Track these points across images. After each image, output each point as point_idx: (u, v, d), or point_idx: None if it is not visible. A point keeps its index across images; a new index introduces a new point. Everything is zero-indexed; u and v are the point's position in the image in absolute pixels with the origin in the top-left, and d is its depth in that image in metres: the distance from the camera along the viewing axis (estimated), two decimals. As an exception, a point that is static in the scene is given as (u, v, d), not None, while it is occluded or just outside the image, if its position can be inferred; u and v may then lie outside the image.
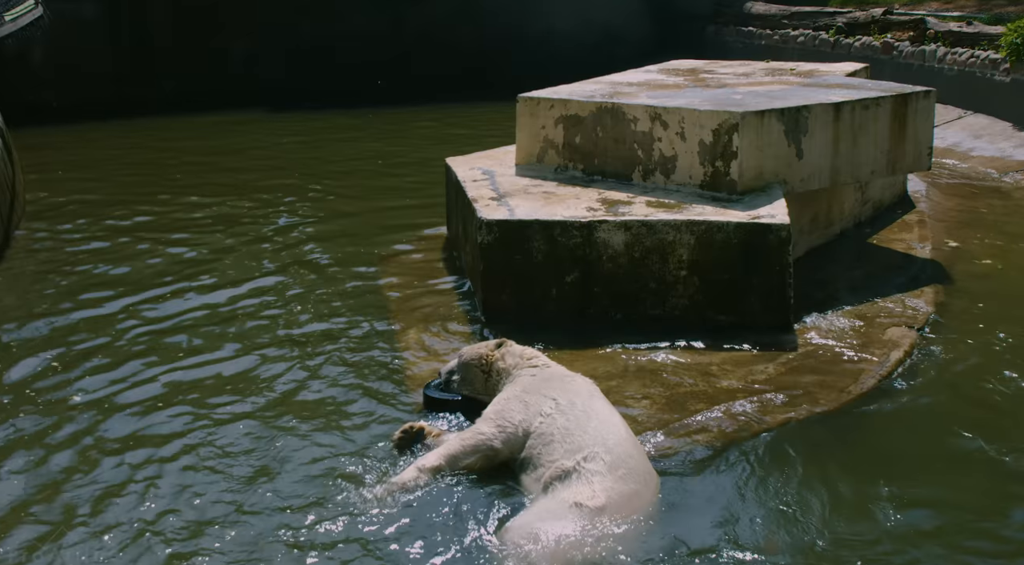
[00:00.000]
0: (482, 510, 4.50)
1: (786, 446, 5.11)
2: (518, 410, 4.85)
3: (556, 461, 4.51)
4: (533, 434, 4.71)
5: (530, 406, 4.83)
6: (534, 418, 4.77)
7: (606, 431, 4.60)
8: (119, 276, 8.14)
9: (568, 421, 4.66)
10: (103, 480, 4.89)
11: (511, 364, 5.26)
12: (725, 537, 4.33)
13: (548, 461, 4.54)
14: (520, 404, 4.87)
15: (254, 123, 16.26)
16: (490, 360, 5.32)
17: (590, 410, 4.74)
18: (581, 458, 4.45)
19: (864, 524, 4.49)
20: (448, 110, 16.69)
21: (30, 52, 16.04)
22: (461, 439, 4.84)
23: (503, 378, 5.24)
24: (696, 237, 6.47)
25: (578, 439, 4.55)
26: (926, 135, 8.14)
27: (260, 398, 5.77)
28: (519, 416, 4.81)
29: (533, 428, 4.73)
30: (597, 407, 4.79)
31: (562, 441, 4.57)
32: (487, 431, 4.83)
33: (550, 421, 4.70)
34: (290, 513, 4.53)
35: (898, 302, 6.98)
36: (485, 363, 5.33)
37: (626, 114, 7.52)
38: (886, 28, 15.74)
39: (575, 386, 4.95)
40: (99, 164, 13.22)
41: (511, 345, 5.37)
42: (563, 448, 4.54)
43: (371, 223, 9.71)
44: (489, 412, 4.95)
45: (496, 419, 4.86)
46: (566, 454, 4.51)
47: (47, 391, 5.92)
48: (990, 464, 5.02)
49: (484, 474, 4.76)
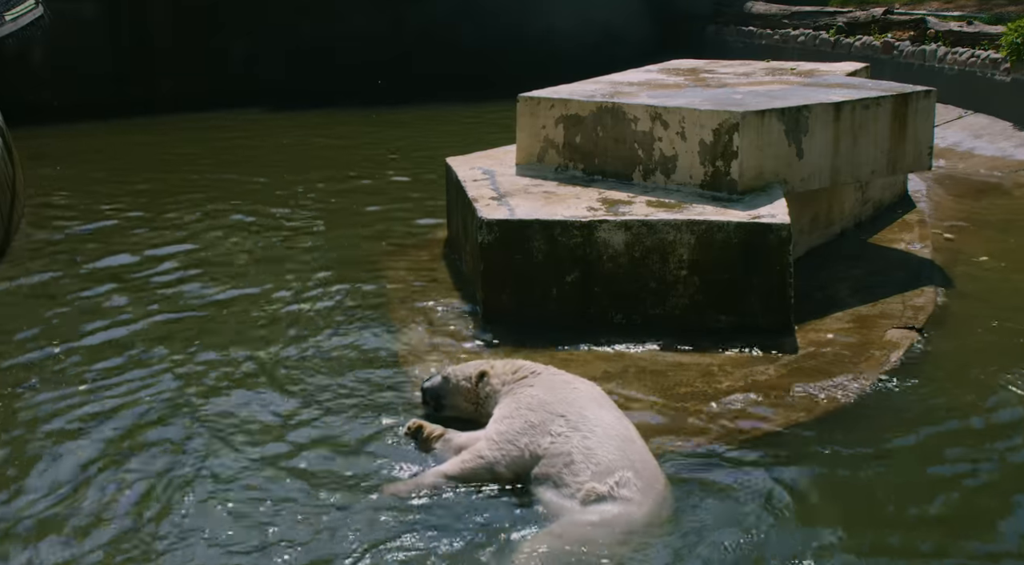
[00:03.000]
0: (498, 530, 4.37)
1: (786, 447, 5.11)
2: (523, 431, 4.63)
3: (586, 483, 4.36)
4: (546, 455, 4.52)
5: (536, 426, 4.62)
6: (542, 438, 4.57)
7: (629, 449, 4.48)
8: (119, 275, 8.13)
9: (587, 439, 4.48)
10: (103, 479, 4.89)
11: (498, 385, 5.03)
12: (726, 538, 4.33)
13: (576, 482, 4.39)
14: (524, 424, 4.65)
15: (254, 123, 16.25)
16: (475, 393, 5.12)
17: (604, 423, 4.58)
18: (614, 483, 4.33)
19: (864, 524, 4.48)
20: (448, 110, 16.67)
21: (30, 52, 16.03)
22: (462, 463, 4.66)
23: (493, 398, 5.02)
24: (696, 237, 6.47)
25: (603, 459, 4.40)
26: (926, 135, 8.14)
27: (260, 397, 5.76)
28: (524, 439, 4.61)
29: (544, 450, 4.54)
30: (608, 417, 4.65)
31: (586, 462, 4.41)
32: (489, 455, 4.63)
33: (563, 440, 4.51)
34: (282, 516, 4.51)
35: (898, 302, 6.97)
36: (471, 394, 5.14)
37: (626, 114, 7.51)
38: (886, 28, 15.74)
39: (580, 395, 4.76)
40: (99, 164, 13.20)
41: (493, 369, 5.14)
42: (590, 470, 4.39)
43: (371, 223, 9.70)
44: (491, 432, 4.73)
45: (499, 441, 4.65)
46: (595, 477, 4.36)
47: (46, 391, 5.91)
48: (990, 464, 5.02)
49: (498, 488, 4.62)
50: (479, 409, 5.13)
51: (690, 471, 4.84)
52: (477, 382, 5.14)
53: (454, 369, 5.35)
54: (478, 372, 5.17)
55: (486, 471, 4.61)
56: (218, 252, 8.77)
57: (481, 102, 15.61)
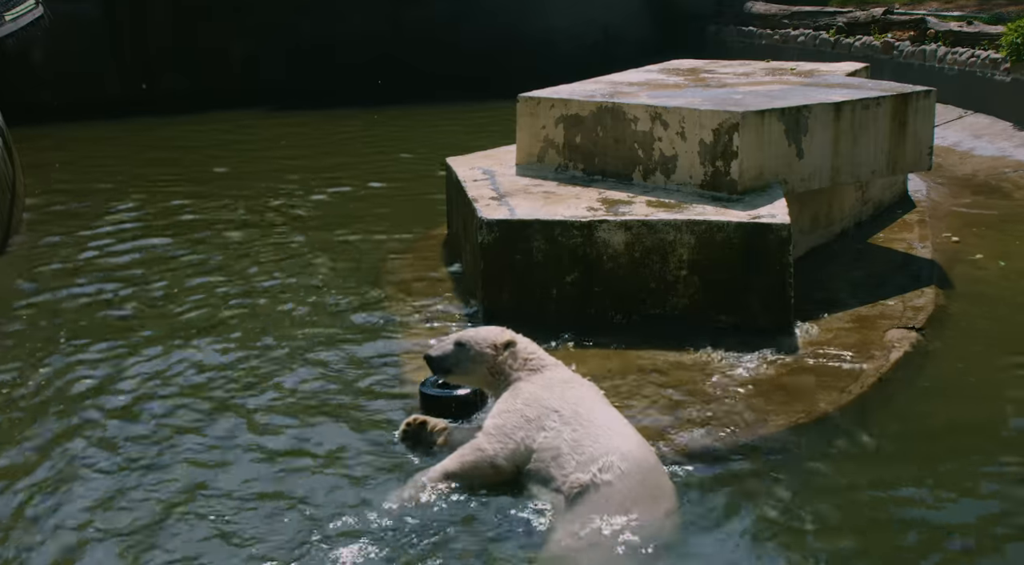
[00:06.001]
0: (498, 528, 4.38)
1: (786, 447, 5.11)
2: (519, 425, 4.67)
3: (570, 474, 4.40)
4: (539, 449, 4.57)
5: (531, 420, 4.67)
6: (536, 433, 4.62)
7: (617, 438, 4.50)
8: (120, 275, 8.14)
9: (575, 432, 4.53)
10: (102, 478, 4.89)
11: (513, 366, 4.97)
12: (726, 538, 4.33)
13: (562, 475, 4.43)
14: (520, 419, 4.70)
15: (254, 123, 16.25)
16: (498, 362, 4.98)
17: (596, 418, 4.61)
18: (596, 470, 4.36)
19: (864, 525, 4.48)
20: (448, 110, 16.68)
21: (30, 52, 16.03)
22: (461, 457, 4.67)
23: (503, 380, 4.99)
24: (696, 237, 6.47)
25: (589, 449, 4.44)
26: (926, 135, 8.14)
27: (258, 396, 5.77)
28: (521, 432, 4.65)
29: (537, 444, 4.59)
30: (602, 413, 4.68)
31: (572, 453, 4.45)
32: (488, 448, 4.66)
33: (554, 435, 4.56)
34: (280, 517, 4.51)
35: (898, 302, 6.97)
36: (492, 363, 4.99)
37: (626, 114, 7.51)
38: (886, 28, 15.73)
39: (576, 394, 4.79)
40: (99, 164, 13.22)
41: (518, 345, 5.03)
42: (575, 461, 4.43)
43: (371, 223, 9.70)
44: (489, 427, 4.76)
45: (497, 435, 4.69)
46: (579, 466, 4.40)
47: (47, 391, 5.92)
48: (990, 464, 5.02)
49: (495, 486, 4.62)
50: (490, 381, 4.99)
51: (690, 471, 4.84)
52: (504, 348, 4.98)
53: (469, 335, 5.11)
54: (504, 340, 5.00)
55: (487, 465, 4.63)
56: (218, 252, 8.77)
57: (480, 102, 15.61)
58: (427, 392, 5.52)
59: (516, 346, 5.02)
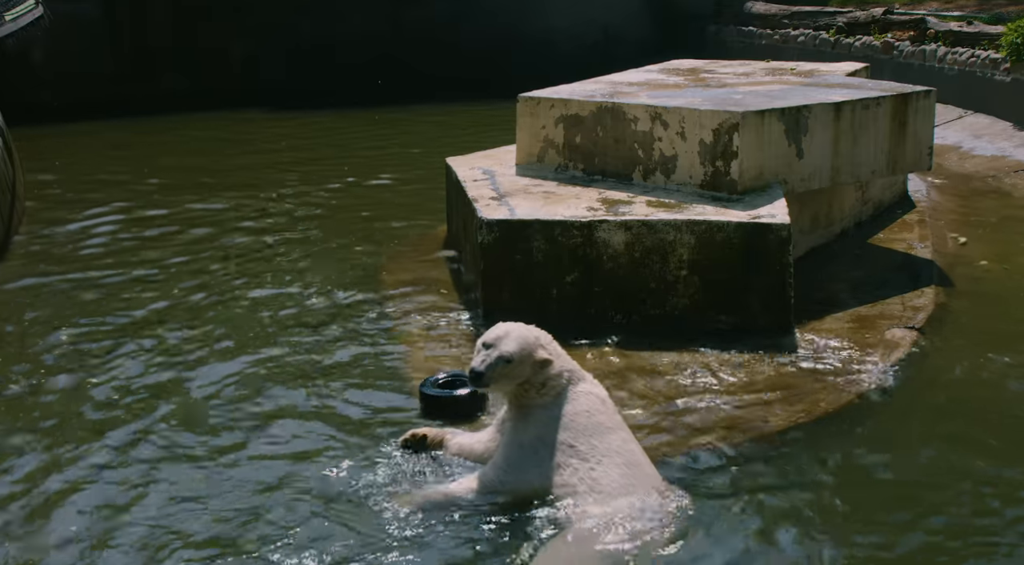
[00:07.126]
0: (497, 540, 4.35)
1: (786, 447, 5.11)
2: (532, 463, 4.54)
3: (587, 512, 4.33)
4: (555, 485, 4.46)
5: (544, 460, 4.52)
6: (551, 472, 4.49)
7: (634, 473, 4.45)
8: (120, 275, 8.13)
9: (594, 471, 4.44)
10: (102, 477, 4.90)
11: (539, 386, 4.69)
12: (726, 538, 4.33)
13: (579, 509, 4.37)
14: (535, 457, 4.55)
15: (254, 123, 16.25)
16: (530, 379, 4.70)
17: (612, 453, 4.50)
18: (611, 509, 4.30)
19: (864, 525, 4.48)
20: (448, 110, 16.68)
21: (30, 52, 16.02)
22: (469, 486, 4.59)
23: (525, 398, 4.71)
24: (696, 237, 6.47)
25: (605, 486, 4.39)
26: (926, 135, 8.14)
27: (258, 396, 5.76)
28: (534, 471, 4.52)
29: (552, 481, 4.47)
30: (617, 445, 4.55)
31: (590, 492, 4.39)
32: (496, 482, 4.55)
33: (571, 472, 4.46)
34: (280, 523, 4.49)
35: (898, 302, 6.97)
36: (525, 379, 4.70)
37: (626, 114, 7.51)
38: (886, 28, 15.74)
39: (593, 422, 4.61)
40: (99, 164, 13.21)
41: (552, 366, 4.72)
42: (593, 499, 4.37)
43: (371, 222, 9.70)
44: (499, 460, 4.62)
45: (507, 469, 4.56)
46: (595, 504, 4.34)
47: (47, 391, 5.92)
48: (990, 464, 5.02)
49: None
50: (518, 391, 4.74)
51: (690, 471, 4.85)
52: (542, 367, 4.73)
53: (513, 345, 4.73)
54: (542, 358, 4.72)
55: (494, 497, 4.53)
56: (217, 252, 8.77)
57: (480, 102, 15.61)
58: (427, 392, 5.52)
59: (552, 366, 4.74)
